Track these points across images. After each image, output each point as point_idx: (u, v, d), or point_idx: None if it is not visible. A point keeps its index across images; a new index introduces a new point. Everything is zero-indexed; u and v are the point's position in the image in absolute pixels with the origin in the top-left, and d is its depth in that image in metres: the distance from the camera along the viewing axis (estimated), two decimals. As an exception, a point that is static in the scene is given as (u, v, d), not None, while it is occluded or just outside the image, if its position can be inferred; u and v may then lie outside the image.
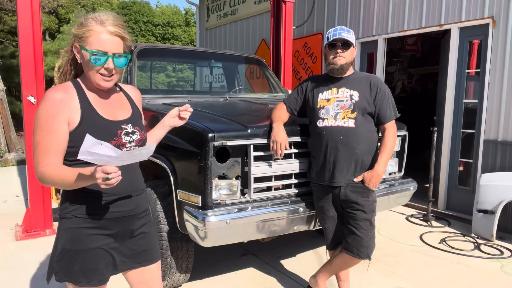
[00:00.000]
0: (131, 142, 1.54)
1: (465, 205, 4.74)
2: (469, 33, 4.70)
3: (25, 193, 5.70)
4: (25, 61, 3.84)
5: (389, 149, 2.49)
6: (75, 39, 1.48)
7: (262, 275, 3.24)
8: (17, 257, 3.55)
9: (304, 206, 2.65)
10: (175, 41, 31.88)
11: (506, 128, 4.36)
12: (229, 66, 4.93)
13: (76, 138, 1.43)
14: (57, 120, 1.40)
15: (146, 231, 1.66)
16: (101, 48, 1.43)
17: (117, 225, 1.53)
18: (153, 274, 1.70)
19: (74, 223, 1.46)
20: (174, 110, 1.79)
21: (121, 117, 1.56)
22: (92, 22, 1.45)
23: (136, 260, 1.63)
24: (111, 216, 1.51)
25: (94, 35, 1.43)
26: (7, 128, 10.05)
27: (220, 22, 9.11)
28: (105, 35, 1.44)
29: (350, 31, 2.47)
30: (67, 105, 1.43)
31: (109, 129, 1.48)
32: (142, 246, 1.64)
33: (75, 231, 1.46)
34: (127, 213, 1.56)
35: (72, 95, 1.47)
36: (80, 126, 1.43)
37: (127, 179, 1.53)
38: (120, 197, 1.52)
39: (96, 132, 1.43)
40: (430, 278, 3.25)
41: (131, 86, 1.75)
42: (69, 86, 1.50)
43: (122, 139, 1.51)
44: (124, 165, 1.49)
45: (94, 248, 1.49)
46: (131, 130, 1.55)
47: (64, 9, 23.96)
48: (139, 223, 1.63)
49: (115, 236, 1.54)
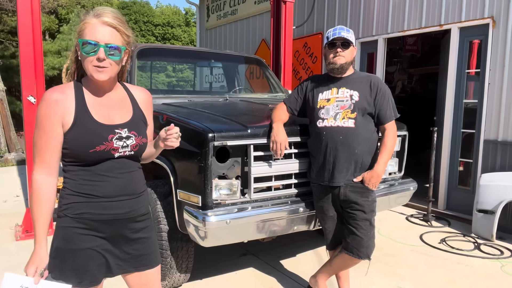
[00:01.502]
0: (125, 147, 1.51)
1: (465, 205, 4.74)
2: (469, 33, 4.70)
3: (25, 193, 5.70)
4: (25, 61, 3.84)
5: (389, 149, 2.49)
6: (77, 36, 1.48)
7: (262, 275, 3.24)
8: (17, 257, 3.55)
9: (304, 206, 2.65)
10: (175, 41, 31.87)
11: (506, 128, 4.36)
12: (229, 66, 4.93)
13: (69, 140, 1.43)
14: (51, 121, 1.41)
15: (145, 235, 1.62)
16: (93, 38, 1.41)
17: (109, 228, 1.51)
18: (151, 279, 1.66)
19: (66, 222, 1.46)
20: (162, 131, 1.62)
21: (118, 121, 1.52)
22: (88, 15, 1.45)
23: (132, 264, 1.60)
24: (102, 218, 1.49)
25: (89, 27, 1.43)
26: (7, 128, 10.06)
27: (220, 22, 9.11)
28: (98, 26, 1.43)
29: (349, 31, 2.47)
30: (61, 106, 1.42)
31: (99, 133, 1.45)
32: (140, 250, 1.60)
33: (66, 230, 1.46)
34: (120, 216, 1.52)
35: (69, 96, 1.45)
36: (72, 129, 1.43)
37: (121, 182, 1.52)
38: (111, 200, 1.50)
39: (86, 135, 1.43)
40: (430, 278, 3.25)
41: (141, 88, 1.69)
42: (68, 87, 1.49)
43: (113, 143, 1.47)
44: (119, 167, 1.51)
45: (85, 249, 1.47)
46: (126, 135, 1.51)
47: (64, 9, 23.95)
48: (136, 226, 1.59)
49: (108, 239, 1.52)
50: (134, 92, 1.65)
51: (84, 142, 1.43)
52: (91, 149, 1.43)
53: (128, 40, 1.51)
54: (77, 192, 1.46)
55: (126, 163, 1.53)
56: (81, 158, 1.45)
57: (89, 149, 1.43)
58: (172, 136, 1.58)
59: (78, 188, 1.46)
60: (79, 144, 1.43)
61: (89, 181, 1.47)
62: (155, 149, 1.71)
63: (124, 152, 1.51)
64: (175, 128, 1.58)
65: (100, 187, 1.47)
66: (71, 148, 1.43)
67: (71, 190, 1.47)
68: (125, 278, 1.65)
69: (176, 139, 1.59)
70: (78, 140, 1.43)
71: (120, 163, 1.51)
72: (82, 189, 1.46)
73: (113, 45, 1.44)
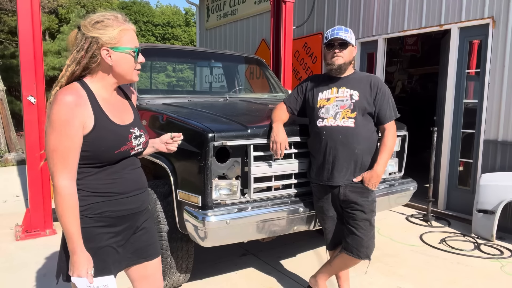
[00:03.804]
0: (139, 146, 1.59)
1: (465, 205, 4.74)
2: (469, 33, 4.70)
3: (25, 193, 5.69)
4: (25, 61, 3.84)
5: (389, 149, 2.49)
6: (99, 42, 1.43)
7: (262, 275, 3.24)
8: (17, 257, 3.55)
9: (304, 206, 2.65)
10: (175, 41, 31.89)
11: (506, 128, 4.36)
12: (229, 66, 4.93)
13: (89, 143, 1.43)
14: (74, 125, 1.38)
15: (147, 226, 1.71)
16: (136, 44, 1.51)
17: (125, 222, 1.57)
18: (155, 268, 1.75)
19: (85, 223, 1.47)
20: (166, 135, 1.83)
21: (127, 120, 1.57)
22: (119, 21, 1.47)
23: (141, 255, 1.68)
24: (121, 214, 1.54)
25: (128, 33, 1.48)
26: (7, 128, 10.05)
27: (220, 22, 9.11)
28: (132, 32, 1.51)
29: (348, 30, 2.47)
30: (82, 109, 1.40)
31: (121, 134, 1.50)
32: (145, 241, 1.68)
33: (86, 231, 1.47)
34: (135, 210, 1.60)
35: (84, 99, 1.43)
36: (94, 131, 1.43)
37: (134, 178, 1.59)
38: (128, 196, 1.56)
39: (110, 137, 1.46)
40: (430, 278, 3.25)
41: (127, 86, 1.73)
42: (80, 89, 1.45)
43: (132, 143, 1.54)
44: (131, 163, 1.58)
45: (104, 247, 1.52)
46: (138, 133, 1.58)
47: (64, 9, 23.96)
48: (142, 219, 1.68)
49: (122, 233, 1.58)
50: (126, 91, 1.71)
51: (107, 144, 1.46)
52: (116, 150, 1.48)
53: None
54: (95, 193, 1.49)
55: (135, 160, 1.62)
56: (104, 160, 1.47)
57: (115, 150, 1.48)
58: (176, 142, 1.80)
59: (96, 188, 1.49)
60: (104, 146, 1.45)
61: (107, 180, 1.50)
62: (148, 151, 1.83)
63: (138, 150, 1.59)
64: (181, 136, 1.80)
65: (118, 184, 1.52)
66: (93, 151, 1.44)
67: (88, 191, 1.47)
68: (130, 271, 1.71)
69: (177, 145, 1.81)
70: (102, 142, 1.45)
71: (131, 160, 1.59)
72: (100, 188, 1.49)
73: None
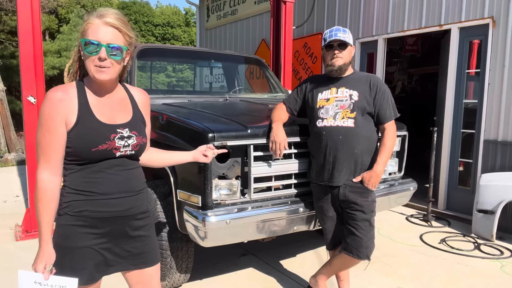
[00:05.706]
0: (126, 147, 1.54)
1: (465, 205, 4.74)
2: (469, 33, 4.70)
3: (25, 193, 5.69)
4: (25, 61, 3.84)
5: (389, 149, 2.49)
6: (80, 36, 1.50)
7: (262, 275, 3.24)
8: (17, 257, 3.55)
9: (304, 206, 2.65)
10: (175, 41, 31.88)
11: (506, 128, 4.36)
12: (229, 66, 4.92)
13: (72, 139, 1.45)
14: (55, 120, 1.42)
15: (144, 233, 1.64)
16: (95, 38, 1.44)
17: (109, 225, 1.53)
18: (151, 276, 1.69)
19: (66, 220, 1.48)
20: (203, 146, 1.91)
21: (120, 120, 1.55)
22: (92, 16, 1.48)
23: (132, 262, 1.62)
24: (102, 216, 1.51)
25: (91, 27, 1.46)
26: (7, 128, 10.05)
27: (220, 22, 9.11)
28: (101, 26, 1.46)
29: (346, 31, 2.47)
30: (65, 105, 1.44)
31: (101, 132, 1.48)
32: (139, 248, 1.62)
33: (66, 228, 1.48)
34: (120, 214, 1.54)
35: (71, 95, 1.48)
36: (75, 128, 1.45)
37: (120, 180, 1.54)
38: (110, 197, 1.51)
39: (88, 134, 1.46)
40: (430, 278, 3.25)
41: (139, 90, 1.74)
42: (71, 86, 1.51)
43: (115, 143, 1.50)
44: (118, 165, 1.53)
45: (83, 247, 1.49)
46: (127, 134, 1.54)
47: (64, 9, 23.94)
48: (136, 224, 1.60)
49: (107, 236, 1.53)
50: (133, 93, 1.68)
51: (86, 141, 1.45)
52: (94, 148, 1.46)
53: (130, 40, 1.54)
54: (76, 190, 1.48)
55: (126, 161, 1.57)
56: (83, 157, 1.47)
57: (92, 148, 1.45)
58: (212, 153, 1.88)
59: (77, 186, 1.48)
60: (82, 143, 1.45)
61: (88, 179, 1.49)
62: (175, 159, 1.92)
63: (126, 152, 1.54)
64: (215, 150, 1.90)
65: (99, 184, 1.50)
66: (73, 147, 1.46)
67: (70, 188, 1.49)
68: (125, 275, 1.67)
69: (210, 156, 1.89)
70: (81, 139, 1.45)
71: (121, 162, 1.55)
72: (82, 187, 1.48)
73: (115, 45, 1.46)
